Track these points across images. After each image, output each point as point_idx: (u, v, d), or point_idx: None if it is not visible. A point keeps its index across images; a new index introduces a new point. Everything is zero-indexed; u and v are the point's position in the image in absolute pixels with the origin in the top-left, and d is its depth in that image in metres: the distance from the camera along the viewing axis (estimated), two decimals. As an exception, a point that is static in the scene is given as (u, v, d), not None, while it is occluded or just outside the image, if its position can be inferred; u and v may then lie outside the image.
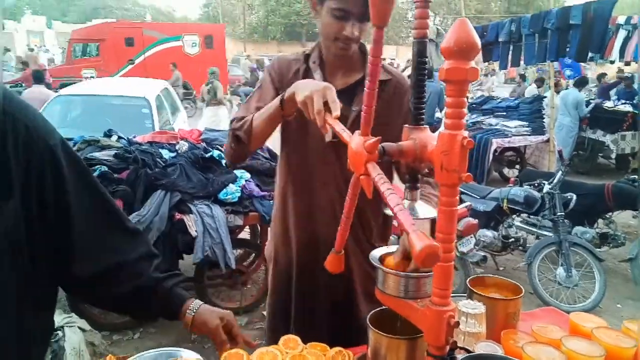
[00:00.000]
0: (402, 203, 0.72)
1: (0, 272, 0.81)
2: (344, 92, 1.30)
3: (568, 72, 11.41)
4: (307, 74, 1.39)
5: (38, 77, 6.77)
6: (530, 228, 4.21)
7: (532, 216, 4.19)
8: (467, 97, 0.81)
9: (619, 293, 3.88)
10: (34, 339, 0.94)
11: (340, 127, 1.05)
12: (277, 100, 1.23)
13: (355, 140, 0.90)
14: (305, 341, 1.34)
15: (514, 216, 4.20)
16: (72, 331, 2.42)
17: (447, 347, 0.85)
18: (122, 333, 3.13)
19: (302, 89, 1.12)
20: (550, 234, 3.84)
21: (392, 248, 0.99)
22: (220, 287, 3.55)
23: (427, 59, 0.88)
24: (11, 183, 0.80)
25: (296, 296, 1.47)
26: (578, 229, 4.09)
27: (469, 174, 0.77)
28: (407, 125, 0.89)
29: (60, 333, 2.37)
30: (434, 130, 0.84)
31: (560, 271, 3.63)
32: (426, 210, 0.91)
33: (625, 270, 4.23)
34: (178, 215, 2.99)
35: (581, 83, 7.84)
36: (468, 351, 0.89)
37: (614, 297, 3.76)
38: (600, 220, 4.35)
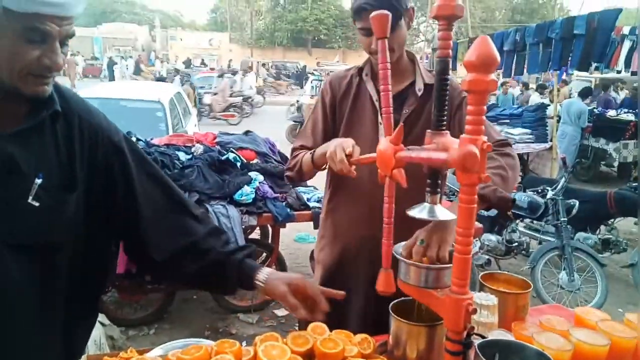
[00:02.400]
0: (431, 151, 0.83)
1: (58, 258, 0.89)
2: (395, 97, 1.41)
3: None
4: (361, 86, 1.54)
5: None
6: (533, 233, 4.29)
7: (535, 221, 4.28)
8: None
9: (620, 298, 3.96)
10: (79, 325, 1.03)
11: (364, 157, 1.18)
12: (309, 158, 1.48)
13: (382, 144, 1.00)
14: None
15: (517, 221, 4.28)
16: (92, 325, 2.52)
17: (465, 333, 0.95)
18: (138, 329, 3.22)
19: (325, 147, 1.33)
20: (553, 239, 3.92)
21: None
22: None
23: (448, 76, 0.98)
24: (75, 177, 0.90)
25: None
26: (580, 234, 4.17)
27: (487, 174, 0.87)
28: (429, 130, 0.99)
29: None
30: None
31: (563, 275, 3.71)
32: (445, 212, 1.01)
33: (626, 276, 4.31)
34: (193, 215, 3.08)
35: (585, 94, 7.92)
36: (483, 337, 0.98)
37: (615, 302, 3.83)
38: (602, 227, 4.43)
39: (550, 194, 3.94)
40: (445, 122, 0.98)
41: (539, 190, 4.10)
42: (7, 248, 0.81)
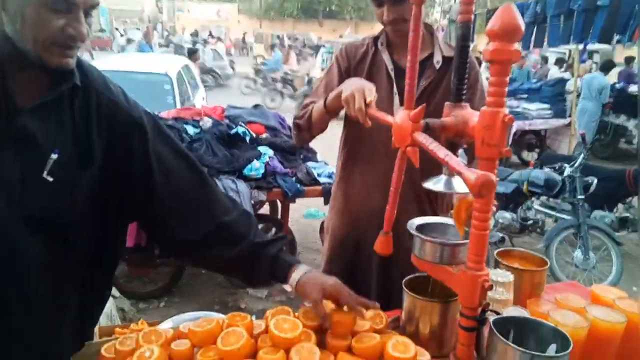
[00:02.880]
0: (450, 154, 0.78)
1: (72, 234, 0.88)
2: None
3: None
4: (376, 56, 1.50)
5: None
6: (549, 211, 4.22)
7: (551, 199, 4.21)
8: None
9: (635, 277, 3.91)
10: (94, 299, 1.03)
11: (381, 114, 1.11)
12: (321, 102, 1.38)
13: (399, 115, 0.96)
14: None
15: (533, 199, 4.21)
16: (107, 296, 2.56)
17: (480, 309, 0.92)
18: (148, 302, 3.27)
19: (346, 88, 1.23)
20: (569, 217, 3.86)
21: (430, 219, 1.06)
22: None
23: (469, 43, 0.93)
24: (92, 154, 0.88)
25: (349, 266, 1.55)
26: (597, 212, 4.10)
27: (508, 148, 0.84)
28: (448, 102, 0.94)
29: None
30: None
31: (578, 254, 3.66)
32: (463, 185, 0.97)
33: (642, 255, 4.25)
34: (205, 189, 3.08)
35: (607, 67, 7.65)
36: (497, 314, 0.96)
37: (630, 280, 3.79)
38: (620, 205, 4.34)
39: (567, 171, 3.86)
40: (465, 93, 0.94)
41: (556, 167, 4.02)
42: (23, 222, 0.81)
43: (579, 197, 3.72)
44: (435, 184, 0.93)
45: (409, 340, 0.92)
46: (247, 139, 3.51)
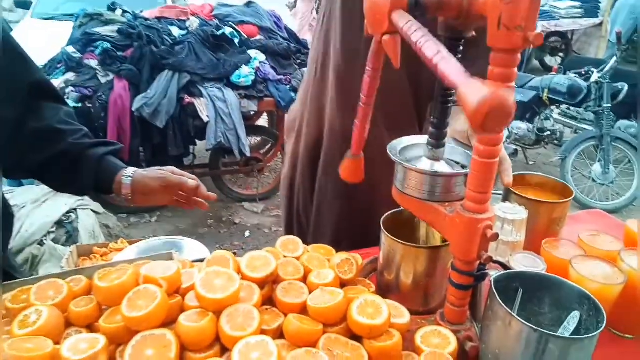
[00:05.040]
0: (443, 50, 0.49)
1: None
2: None
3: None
4: None
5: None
6: (569, 121, 3.88)
7: (572, 108, 3.84)
8: None
9: (656, 192, 3.66)
10: None
11: None
12: None
13: (376, -13, 0.65)
14: (318, 230, 1.20)
15: (552, 107, 3.85)
16: (85, 214, 2.41)
17: (477, 263, 0.69)
18: (139, 216, 3.15)
19: None
20: (591, 128, 3.53)
21: (417, 139, 0.79)
22: (236, 175, 3.48)
23: None
24: None
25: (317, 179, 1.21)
26: (622, 122, 3.74)
27: (539, 32, 0.53)
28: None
29: (73, 215, 2.36)
30: None
31: (597, 167, 3.39)
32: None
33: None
34: (188, 99, 2.80)
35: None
36: (503, 265, 0.72)
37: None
38: (649, 115, 3.97)
39: (595, 77, 3.44)
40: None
41: (582, 73, 3.60)
42: None
43: (605, 105, 3.35)
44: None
45: (380, 300, 0.70)
46: (236, 41, 3.13)
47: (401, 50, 0.62)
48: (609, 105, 3.35)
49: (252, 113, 3.06)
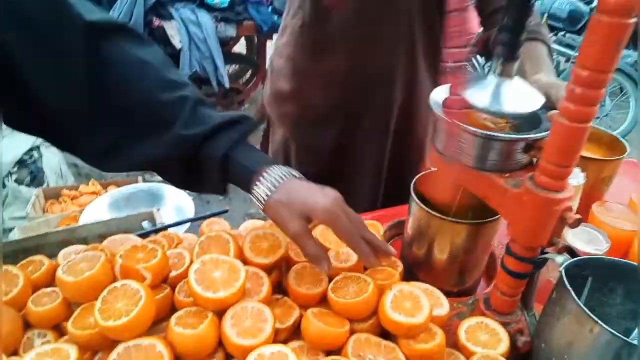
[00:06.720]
0: None
1: None
2: None
3: None
4: None
5: None
6: (565, 50, 3.69)
7: (569, 35, 3.64)
8: None
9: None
10: None
11: None
12: None
13: None
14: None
15: (550, 35, 3.64)
16: (50, 152, 2.19)
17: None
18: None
19: None
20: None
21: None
22: (215, 107, 3.23)
23: None
24: None
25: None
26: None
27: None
28: None
29: (35, 154, 2.14)
30: None
31: (591, 99, 3.28)
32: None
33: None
34: (157, 22, 2.48)
35: None
36: (571, 253, 0.59)
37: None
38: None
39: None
40: None
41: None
42: None
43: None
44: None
45: (418, 291, 0.57)
46: (209, -48, 2.74)
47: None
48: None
49: (229, 39, 2.77)
